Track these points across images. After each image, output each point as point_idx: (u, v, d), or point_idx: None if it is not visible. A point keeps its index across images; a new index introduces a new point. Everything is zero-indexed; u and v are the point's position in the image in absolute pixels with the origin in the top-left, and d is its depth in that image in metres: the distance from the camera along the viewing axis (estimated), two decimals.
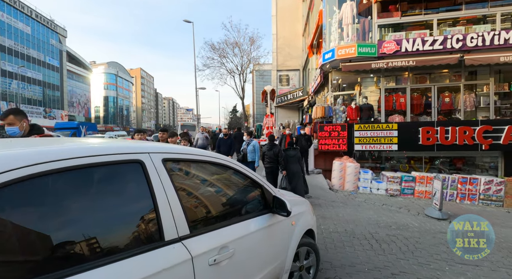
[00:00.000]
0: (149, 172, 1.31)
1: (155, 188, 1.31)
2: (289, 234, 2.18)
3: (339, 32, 9.39)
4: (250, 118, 34.97)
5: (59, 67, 46.88)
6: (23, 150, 1.12)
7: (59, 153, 1.09)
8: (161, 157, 1.42)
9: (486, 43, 7.81)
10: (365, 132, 8.27)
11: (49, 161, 1.02)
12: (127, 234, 1.22)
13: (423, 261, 3.42)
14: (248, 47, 22.64)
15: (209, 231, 1.51)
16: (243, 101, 24.22)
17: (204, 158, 1.72)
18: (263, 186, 2.02)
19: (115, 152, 1.26)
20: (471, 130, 7.56)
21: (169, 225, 1.30)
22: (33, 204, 1.00)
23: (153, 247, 1.22)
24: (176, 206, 1.36)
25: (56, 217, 1.04)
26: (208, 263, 1.40)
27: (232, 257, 1.54)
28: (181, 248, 1.31)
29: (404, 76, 9.37)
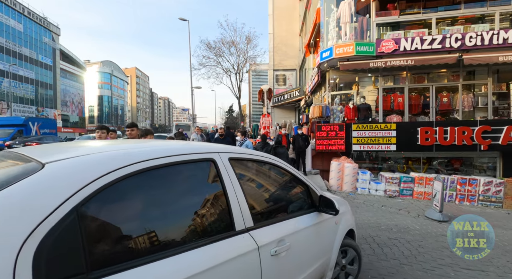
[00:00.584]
0: (220, 169, 1.48)
1: (225, 182, 1.47)
2: (333, 233, 2.25)
3: (336, 30, 9.26)
4: (246, 118, 34.77)
5: (52, 66, 46.13)
6: (132, 149, 1.32)
7: (156, 152, 1.28)
8: (228, 156, 1.59)
9: (485, 43, 7.74)
10: (363, 132, 8.15)
11: (150, 158, 1.21)
12: (207, 222, 1.38)
13: (428, 266, 3.28)
14: (245, 46, 22.46)
15: (268, 225, 1.62)
16: (239, 101, 24.01)
17: (259, 158, 1.88)
18: (309, 186, 2.12)
19: (194, 151, 1.46)
20: (470, 130, 7.48)
21: (238, 216, 1.45)
22: (139, 194, 1.19)
23: (227, 236, 1.37)
24: (242, 199, 1.50)
25: (155, 206, 1.23)
26: (270, 254, 1.51)
27: (288, 250, 1.64)
28: (249, 238, 1.45)
29: (402, 76, 9.28)
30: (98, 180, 1.01)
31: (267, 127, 10.52)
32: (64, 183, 0.97)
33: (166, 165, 1.26)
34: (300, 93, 16.59)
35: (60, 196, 0.92)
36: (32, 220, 0.84)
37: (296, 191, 2.11)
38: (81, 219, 0.94)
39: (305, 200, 2.10)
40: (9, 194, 0.87)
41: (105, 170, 1.05)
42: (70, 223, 0.90)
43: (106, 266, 0.96)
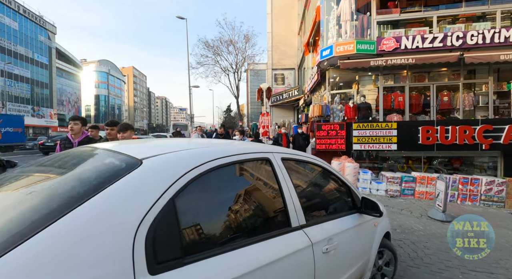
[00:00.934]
0: (275, 168, 1.57)
1: (280, 181, 1.54)
2: (373, 234, 2.28)
3: (337, 29, 9.16)
4: (245, 118, 34.63)
5: (48, 65, 45.64)
6: (206, 148, 1.44)
7: (227, 151, 1.40)
8: (280, 156, 1.67)
9: (487, 41, 7.68)
10: (364, 131, 8.05)
11: (221, 157, 1.32)
12: (267, 218, 1.48)
13: (435, 268, 3.18)
14: (243, 45, 22.31)
15: (317, 223, 1.68)
16: (237, 100, 23.86)
17: (306, 158, 1.96)
18: (350, 187, 2.17)
19: (254, 151, 1.56)
20: (471, 129, 7.41)
21: (293, 214, 1.51)
22: (215, 188, 1.31)
23: (284, 232, 1.43)
24: (295, 197, 1.57)
25: (226, 200, 1.35)
26: (322, 251, 1.56)
27: (336, 249, 1.68)
28: (303, 235, 1.51)
29: (403, 74, 9.21)
30: (187, 174, 1.14)
31: (267, 127, 10.38)
32: (162, 176, 1.10)
33: (233, 163, 1.38)
34: (299, 93, 16.49)
35: (160, 188, 1.05)
36: (142, 208, 0.97)
37: (339, 192, 2.17)
38: (176, 208, 1.06)
39: (347, 201, 2.15)
40: (123, 186, 1.02)
41: (192, 165, 1.18)
42: (169, 212, 1.03)
43: (195, 253, 1.07)
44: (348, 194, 2.16)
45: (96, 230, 0.88)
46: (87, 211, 0.90)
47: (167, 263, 0.97)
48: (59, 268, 0.78)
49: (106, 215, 0.92)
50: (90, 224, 0.88)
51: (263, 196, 1.53)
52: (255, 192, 1.51)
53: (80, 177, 1.21)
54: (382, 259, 2.48)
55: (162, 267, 0.95)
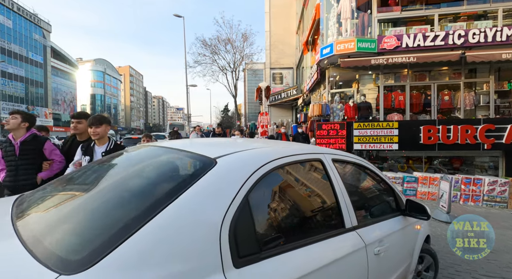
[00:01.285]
0: (327, 169, 1.58)
1: (333, 181, 1.55)
2: (415, 238, 2.27)
3: (337, 27, 9.03)
4: (242, 117, 34.46)
5: (43, 63, 45.08)
6: (268, 148, 1.51)
7: (286, 151, 1.44)
8: (331, 157, 1.68)
9: (488, 40, 7.60)
10: (364, 131, 7.93)
11: (282, 156, 1.36)
12: (323, 218, 1.52)
13: (445, 273, 3.05)
14: (241, 44, 22.15)
15: (367, 225, 1.66)
16: (235, 100, 23.69)
17: (354, 160, 1.96)
18: (394, 189, 2.16)
19: (307, 151, 1.61)
20: (473, 129, 7.32)
21: (346, 214, 1.52)
22: (278, 187, 1.36)
23: (339, 232, 1.44)
24: (347, 198, 1.57)
25: (289, 199, 1.39)
26: (374, 252, 1.56)
27: (387, 251, 1.67)
28: (357, 236, 1.51)
29: (403, 73, 9.11)
30: (256, 172, 1.18)
31: (265, 126, 10.24)
32: (237, 174, 1.14)
33: (292, 163, 1.42)
34: (298, 92, 16.36)
35: (236, 185, 1.09)
36: (223, 205, 1.02)
37: (384, 194, 2.16)
38: (250, 205, 1.11)
39: (391, 203, 2.14)
40: (205, 184, 1.07)
41: (260, 164, 1.22)
42: (244, 209, 1.07)
43: (268, 249, 1.11)
44: (392, 195, 2.15)
45: (188, 227, 0.95)
46: (177, 209, 0.97)
47: (247, 258, 1.02)
48: (161, 260, 0.86)
49: (194, 212, 0.99)
50: (182, 221, 0.95)
51: (319, 196, 1.57)
52: (312, 192, 1.56)
53: (164, 175, 1.34)
54: (422, 263, 2.43)
55: (243, 261, 1.00)
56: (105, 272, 0.77)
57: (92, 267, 0.77)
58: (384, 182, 2.14)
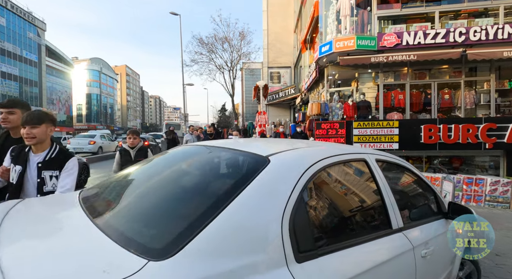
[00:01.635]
0: (372, 169, 1.56)
1: (378, 182, 1.54)
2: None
3: (336, 24, 8.87)
4: (240, 117, 34.25)
5: (38, 62, 44.49)
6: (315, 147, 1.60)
7: (331, 151, 1.51)
8: (374, 157, 1.66)
9: (490, 37, 7.48)
10: (364, 130, 7.79)
11: (329, 156, 1.39)
12: (371, 218, 1.53)
13: None
14: (238, 42, 21.92)
15: (412, 227, 1.63)
16: (233, 99, 23.47)
17: (396, 161, 1.92)
18: (436, 192, 2.11)
19: (352, 151, 1.63)
20: (474, 128, 7.21)
21: (392, 215, 1.50)
22: (328, 185, 1.45)
23: (387, 233, 1.43)
24: (392, 198, 1.55)
25: (338, 197, 1.49)
26: (421, 255, 1.54)
27: (432, 254, 1.65)
28: (403, 237, 1.49)
29: (403, 72, 8.98)
30: (307, 171, 1.20)
31: (263, 125, 10.06)
32: (290, 172, 1.17)
33: (339, 162, 1.43)
34: (296, 91, 16.20)
35: (291, 183, 1.12)
36: (282, 201, 1.06)
37: (426, 196, 2.13)
38: (304, 203, 1.15)
39: (433, 205, 2.09)
40: (263, 181, 1.11)
41: (309, 163, 1.24)
42: (299, 206, 1.09)
43: (323, 246, 1.13)
44: (434, 198, 2.10)
45: (251, 221, 0.99)
46: (240, 205, 1.01)
47: (306, 253, 1.04)
48: (233, 250, 0.91)
49: (256, 207, 1.03)
50: (245, 215, 0.99)
51: (366, 196, 1.57)
52: (359, 192, 1.57)
53: (225, 172, 1.42)
54: (462, 270, 2.35)
55: (303, 257, 1.02)
56: (188, 259, 0.84)
57: (176, 254, 0.84)
58: (425, 184, 2.10)
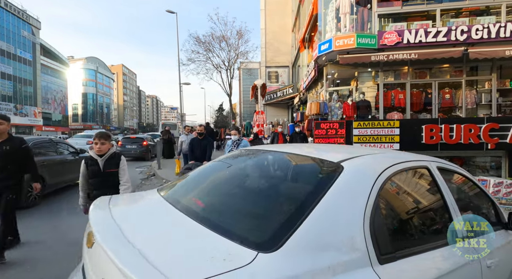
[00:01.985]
0: (435, 177, 1.60)
1: (442, 190, 1.58)
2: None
3: (335, 22, 8.70)
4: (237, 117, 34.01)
5: (32, 61, 43.87)
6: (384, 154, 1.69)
7: (397, 158, 1.55)
8: (435, 165, 1.69)
9: (492, 36, 7.35)
10: (364, 130, 7.62)
11: (396, 163, 1.43)
12: (438, 225, 1.57)
13: None
14: (236, 41, 21.69)
15: (475, 236, 1.58)
16: (230, 99, 23.24)
17: (455, 169, 1.92)
18: (495, 202, 2.06)
19: (415, 158, 1.66)
20: (476, 128, 7.07)
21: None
22: (399, 190, 1.48)
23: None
24: (455, 206, 1.59)
25: (410, 202, 1.53)
26: (487, 265, 1.53)
27: (497, 265, 1.62)
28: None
29: (403, 71, 8.83)
30: (380, 177, 1.27)
31: (261, 125, 9.86)
32: (365, 178, 1.26)
33: (405, 169, 1.45)
34: (294, 91, 16.03)
35: (367, 188, 1.20)
36: (361, 205, 1.13)
37: (485, 206, 2.09)
38: (380, 207, 1.21)
39: (491, 215, 2.04)
40: (342, 186, 1.18)
41: (382, 168, 1.33)
42: (377, 209, 1.17)
43: (400, 249, 1.16)
44: (493, 208, 2.04)
45: (335, 224, 1.06)
46: (324, 209, 1.07)
47: (387, 256, 1.07)
48: (326, 247, 0.99)
49: (340, 211, 1.10)
50: (331, 219, 1.06)
51: (431, 203, 1.59)
52: (424, 199, 1.59)
53: (303, 177, 1.53)
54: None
55: (384, 259, 1.05)
56: (293, 252, 0.92)
57: (281, 247, 0.92)
58: (484, 194, 2.06)
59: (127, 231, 1.10)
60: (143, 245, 0.98)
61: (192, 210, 1.36)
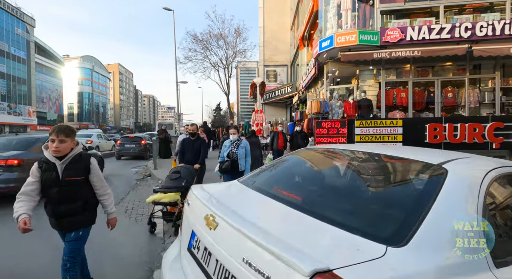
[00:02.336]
0: None
1: None
2: None
3: (336, 19, 8.50)
4: (235, 116, 33.76)
5: (26, 59, 43.20)
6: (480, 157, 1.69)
7: (493, 163, 1.49)
8: None
9: (497, 33, 7.21)
10: (367, 129, 7.42)
11: (495, 167, 1.40)
12: None
13: None
14: (234, 39, 21.43)
15: None
16: (228, 97, 22.98)
17: None
18: None
19: (509, 164, 1.59)
20: (481, 127, 6.91)
21: None
22: (497, 196, 1.39)
23: None
24: None
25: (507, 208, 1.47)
26: None
27: None
28: None
29: (405, 69, 8.67)
30: (484, 180, 1.26)
31: (260, 124, 9.63)
32: (473, 180, 1.27)
33: (505, 174, 1.41)
34: (293, 90, 15.83)
35: (475, 190, 1.20)
36: (474, 204, 1.14)
37: None
38: (487, 209, 1.20)
39: None
40: (452, 188, 1.20)
41: (483, 172, 1.31)
42: (485, 211, 1.16)
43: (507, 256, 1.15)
44: None
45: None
46: (440, 210, 1.09)
47: (500, 260, 1.08)
48: (442, 247, 1.00)
49: (455, 212, 1.12)
50: (448, 220, 1.06)
51: None
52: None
53: (409, 177, 1.56)
54: None
55: (499, 263, 1.06)
56: (419, 248, 0.96)
57: (408, 242, 0.97)
58: None
59: (250, 217, 1.19)
60: (276, 231, 1.07)
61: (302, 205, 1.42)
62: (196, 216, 1.46)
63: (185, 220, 1.63)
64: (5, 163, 4.83)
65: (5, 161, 4.85)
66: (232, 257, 1.06)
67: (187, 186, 3.92)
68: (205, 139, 7.39)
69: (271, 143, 7.55)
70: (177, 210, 3.74)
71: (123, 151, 13.18)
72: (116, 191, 6.31)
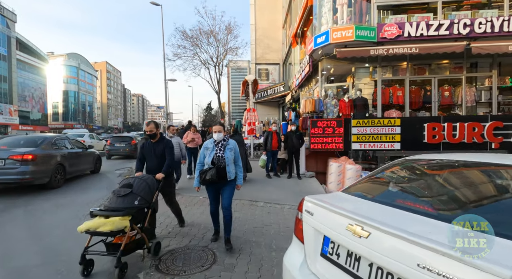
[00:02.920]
0: None
1: None
2: None
3: (331, 14, 8.17)
4: (226, 116, 33.21)
5: (7, 56, 41.25)
6: None
7: None
8: None
9: (495, 30, 7.03)
10: (364, 129, 7.12)
11: None
12: None
13: None
14: (225, 36, 20.88)
15: None
16: (219, 96, 22.40)
17: None
18: None
19: None
20: (480, 126, 6.72)
21: None
22: None
23: None
24: None
25: None
26: None
27: None
28: None
29: (402, 66, 8.43)
30: None
31: (253, 124, 9.21)
32: None
33: None
34: (285, 89, 15.47)
35: None
36: None
37: None
38: None
39: None
40: None
41: None
42: None
43: None
44: None
45: None
46: None
47: None
48: None
49: None
50: None
51: None
52: None
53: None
54: None
55: None
56: None
57: None
58: None
59: (403, 226, 1.21)
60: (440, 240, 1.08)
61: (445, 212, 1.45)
62: (330, 225, 1.51)
63: (307, 228, 1.68)
64: (21, 157, 5.70)
65: (21, 156, 5.72)
66: (401, 263, 1.10)
67: (141, 206, 2.79)
68: (182, 140, 6.82)
69: (265, 143, 7.14)
70: (125, 240, 2.57)
71: (113, 150, 13.09)
72: (94, 196, 5.78)
